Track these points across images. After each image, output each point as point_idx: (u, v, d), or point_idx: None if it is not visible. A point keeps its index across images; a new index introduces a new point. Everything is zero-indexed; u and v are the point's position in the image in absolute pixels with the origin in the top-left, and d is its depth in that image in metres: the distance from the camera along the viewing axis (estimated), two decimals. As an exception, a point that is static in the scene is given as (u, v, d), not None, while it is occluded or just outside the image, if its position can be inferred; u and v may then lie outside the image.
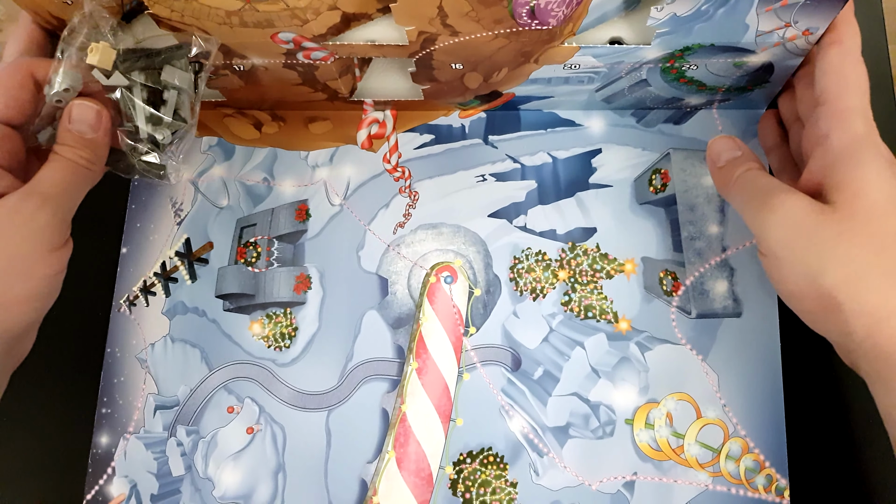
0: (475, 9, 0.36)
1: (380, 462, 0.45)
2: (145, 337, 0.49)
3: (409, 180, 0.50)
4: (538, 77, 0.45)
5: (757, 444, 0.44)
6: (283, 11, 0.37)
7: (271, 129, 0.52)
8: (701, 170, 0.48)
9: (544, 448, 0.45)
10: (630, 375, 0.45)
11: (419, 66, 0.43)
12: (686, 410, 0.45)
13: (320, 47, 0.41)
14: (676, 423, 0.44)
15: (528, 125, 0.50)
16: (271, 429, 0.46)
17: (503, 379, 0.46)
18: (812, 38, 0.39)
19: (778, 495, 0.43)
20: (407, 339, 0.47)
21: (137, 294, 0.49)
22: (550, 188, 0.49)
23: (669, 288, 0.47)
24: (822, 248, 0.32)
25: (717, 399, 0.45)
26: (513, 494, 0.44)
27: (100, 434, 0.47)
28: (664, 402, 0.45)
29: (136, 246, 0.50)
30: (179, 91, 0.37)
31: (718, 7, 0.37)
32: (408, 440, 0.44)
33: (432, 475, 0.44)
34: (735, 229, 0.47)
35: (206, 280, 0.49)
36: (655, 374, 0.45)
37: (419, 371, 0.46)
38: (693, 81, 0.45)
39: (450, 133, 0.51)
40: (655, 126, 0.50)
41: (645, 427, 0.45)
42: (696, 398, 0.45)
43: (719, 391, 0.45)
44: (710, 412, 0.44)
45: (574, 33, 0.40)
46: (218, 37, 0.40)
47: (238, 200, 0.51)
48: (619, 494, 0.44)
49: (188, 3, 0.36)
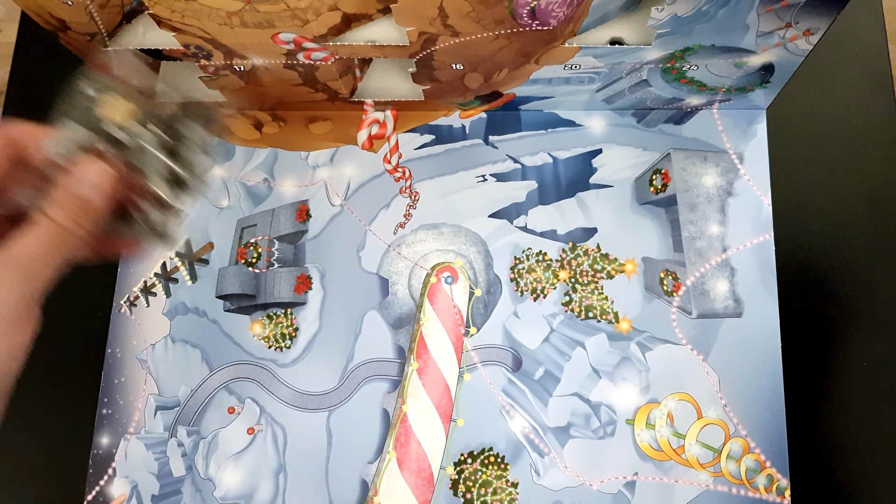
0: (476, 9, 0.36)
1: (381, 462, 0.45)
2: (146, 337, 0.49)
3: (410, 180, 0.50)
4: (539, 77, 0.45)
5: (758, 444, 0.44)
6: (284, 12, 0.37)
7: (272, 129, 0.52)
8: (701, 169, 0.48)
9: (545, 448, 0.45)
10: (631, 375, 0.45)
11: (420, 67, 0.43)
12: (687, 410, 0.45)
13: (321, 48, 0.41)
14: (677, 423, 0.44)
15: (528, 125, 0.50)
16: (272, 429, 0.46)
17: (504, 379, 0.46)
18: (812, 38, 0.39)
19: (779, 495, 0.43)
20: (407, 339, 0.47)
21: (138, 295, 0.49)
22: (551, 188, 0.49)
23: (670, 288, 0.47)
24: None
25: (717, 399, 0.45)
26: (514, 494, 0.44)
27: (100, 434, 0.47)
28: (665, 403, 0.45)
29: (136, 246, 0.50)
30: (199, 152, 0.33)
31: (719, 8, 0.37)
32: (409, 440, 0.44)
33: (433, 475, 0.44)
34: (736, 229, 0.47)
35: (207, 280, 0.49)
36: (656, 374, 0.45)
37: (420, 371, 0.46)
38: (694, 82, 0.45)
39: (450, 133, 0.51)
40: (656, 126, 0.50)
41: (646, 427, 0.45)
42: (696, 398, 0.45)
43: (720, 391, 0.45)
44: (710, 412, 0.45)
45: (575, 34, 0.40)
46: (218, 37, 0.40)
47: (238, 201, 0.51)
48: (620, 494, 0.44)
49: (189, 3, 0.36)
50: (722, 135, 0.49)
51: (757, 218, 0.48)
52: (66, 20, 0.40)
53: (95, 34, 0.42)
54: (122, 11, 0.42)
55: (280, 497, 0.45)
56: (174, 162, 0.32)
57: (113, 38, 0.43)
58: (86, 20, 0.40)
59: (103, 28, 0.42)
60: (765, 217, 0.48)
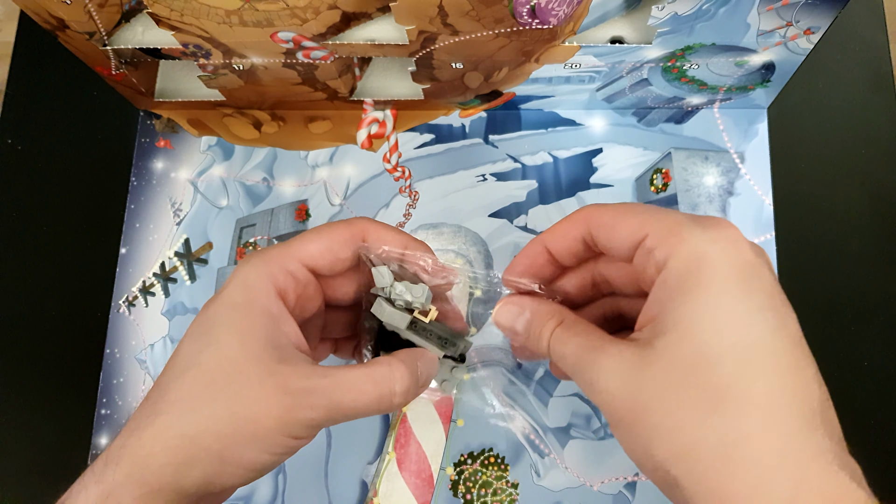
0: (476, 8, 0.36)
1: (380, 463, 0.44)
2: (145, 338, 0.48)
3: (410, 180, 0.50)
4: (539, 76, 0.45)
5: (759, 445, 0.44)
6: (283, 10, 0.37)
7: (271, 128, 0.52)
8: (703, 169, 0.48)
9: (545, 449, 0.44)
10: (631, 376, 0.45)
11: (419, 66, 0.43)
12: (687, 411, 0.44)
13: (320, 46, 0.41)
14: (678, 424, 0.44)
15: (528, 125, 0.50)
16: (271, 430, 0.46)
17: (504, 379, 0.46)
18: (813, 37, 0.39)
19: (780, 496, 0.43)
20: (407, 339, 0.47)
21: (137, 294, 0.49)
22: (551, 188, 0.49)
23: (671, 288, 0.46)
24: (646, 413, 0.24)
25: (718, 399, 0.44)
26: (514, 495, 0.44)
27: (99, 435, 0.47)
28: (665, 403, 0.45)
29: (135, 246, 0.50)
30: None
31: (720, 6, 0.37)
32: (408, 441, 0.44)
33: (433, 476, 0.44)
34: (736, 229, 0.47)
35: (206, 280, 0.49)
36: (657, 374, 0.45)
37: (420, 371, 0.45)
38: (694, 81, 0.45)
39: (450, 132, 0.51)
40: (657, 125, 0.50)
41: (646, 427, 0.44)
42: (697, 398, 0.45)
43: (721, 391, 0.45)
44: (711, 412, 0.44)
45: (575, 32, 0.40)
46: (217, 36, 0.40)
47: (238, 200, 0.50)
48: (621, 495, 0.43)
49: (188, 2, 0.36)
50: (723, 134, 0.49)
51: (758, 217, 0.47)
52: (64, 19, 0.40)
53: (94, 33, 0.42)
54: (120, 10, 0.42)
55: (279, 497, 0.45)
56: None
57: (112, 37, 0.43)
58: (84, 19, 0.40)
59: (102, 27, 0.42)
60: (766, 217, 0.47)
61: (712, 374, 0.23)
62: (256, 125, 0.52)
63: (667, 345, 0.24)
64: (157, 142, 0.52)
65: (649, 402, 0.24)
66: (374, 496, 0.44)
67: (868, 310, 0.46)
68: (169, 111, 0.52)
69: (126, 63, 0.45)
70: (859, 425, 0.44)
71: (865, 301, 0.46)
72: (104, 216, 0.51)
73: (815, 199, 0.48)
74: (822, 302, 0.46)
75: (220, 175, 0.51)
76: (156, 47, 0.43)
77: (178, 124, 0.52)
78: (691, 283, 0.24)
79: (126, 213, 0.51)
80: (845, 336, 0.46)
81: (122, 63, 0.45)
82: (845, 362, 0.45)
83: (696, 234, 0.25)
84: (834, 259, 0.47)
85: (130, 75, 0.46)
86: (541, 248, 0.31)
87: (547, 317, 0.30)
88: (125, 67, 0.46)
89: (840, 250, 0.47)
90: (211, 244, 0.50)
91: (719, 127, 0.49)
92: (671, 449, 0.24)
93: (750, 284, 0.24)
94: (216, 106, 0.51)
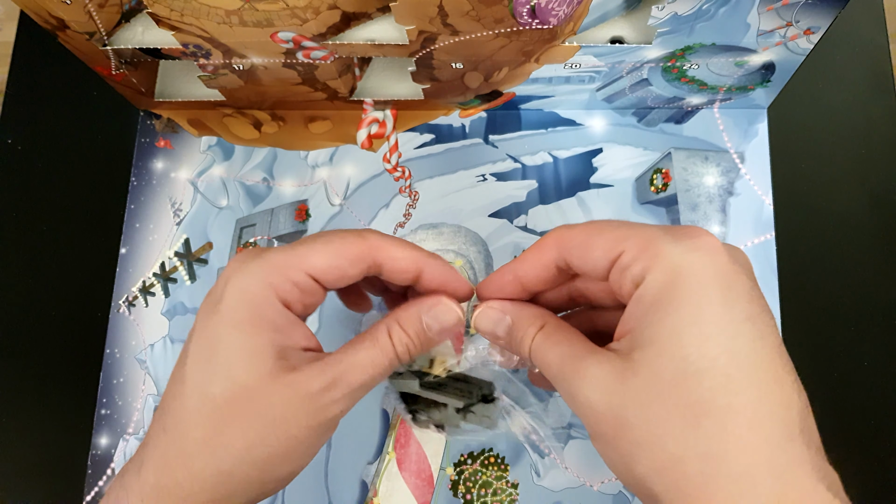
0: (476, 8, 0.36)
1: (380, 463, 0.44)
2: (145, 338, 0.48)
3: (410, 180, 0.50)
4: (539, 76, 0.45)
5: (759, 445, 0.44)
6: (283, 10, 0.37)
7: (271, 128, 0.52)
8: (703, 169, 0.48)
9: (546, 449, 0.44)
10: (631, 376, 0.45)
11: (419, 66, 0.43)
12: (687, 411, 0.44)
13: (320, 46, 0.41)
14: (678, 424, 0.44)
15: (528, 125, 0.50)
16: (271, 430, 0.46)
17: (504, 379, 0.46)
18: (813, 37, 0.39)
19: (780, 496, 0.43)
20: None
21: (137, 295, 0.49)
22: (551, 188, 0.49)
23: (671, 288, 0.46)
24: (627, 428, 0.24)
25: (718, 399, 0.44)
26: (514, 495, 0.44)
27: (99, 435, 0.47)
28: (665, 403, 0.45)
29: (135, 246, 0.50)
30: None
31: (720, 6, 0.37)
32: (408, 441, 0.44)
33: (433, 476, 0.44)
34: (737, 229, 0.47)
35: (206, 280, 0.49)
36: (657, 374, 0.45)
37: (420, 371, 0.45)
38: (694, 81, 0.45)
39: (450, 132, 0.51)
40: (657, 125, 0.50)
41: (646, 427, 0.44)
42: (697, 398, 0.45)
43: (721, 391, 0.45)
44: (711, 412, 0.44)
45: (575, 32, 0.40)
46: (217, 36, 0.40)
47: (238, 200, 0.50)
48: (621, 495, 0.43)
49: (188, 2, 0.36)
50: (723, 134, 0.49)
51: (758, 217, 0.47)
52: (64, 19, 0.40)
53: (94, 33, 0.42)
54: (120, 10, 0.42)
55: (279, 498, 0.45)
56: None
57: (112, 37, 0.43)
58: (84, 19, 0.40)
59: (102, 27, 0.42)
60: (766, 217, 0.47)
61: (693, 390, 0.23)
62: (256, 125, 0.52)
63: (645, 359, 0.24)
64: (157, 142, 0.52)
65: (630, 416, 0.24)
66: (374, 496, 0.44)
67: (868, 310, 0.46)
68: (169, 111, 0.52)
69: (126, 63, 0.45)
70: (859, 425, 0.44)
71: (865, 301, 0.46)
72: (104, 216, 0.51)
73: (815, 199, 0.48)
74: (822, 302, 0.46)
75: (220, 175, 0.51)
76: (156, 47, 0.43)
77: (178, 124, 0.52)
78: (668, 299, 0.24)
79: (126, 213, 0.51)
80: (845, 336, 0.46)
81: (121, 63, 0.45)
82: (845, 362, 0.45)
83: (672, 247, 0.25)
84: (834, 259, 0.47)
85: (130, 75, 0.46)
86: (511, 277, 0.31)
87: (528, 322, 0.30)
88: (125, 67, 0.46)
89: (840, 250, 0.47)
90: (211, 244, 0.50)
91: (719, 127, 0.49)
92: (652, 465, 0.24)
93: (727, 294, 0.24)
94: (216, 106, 0.51)
